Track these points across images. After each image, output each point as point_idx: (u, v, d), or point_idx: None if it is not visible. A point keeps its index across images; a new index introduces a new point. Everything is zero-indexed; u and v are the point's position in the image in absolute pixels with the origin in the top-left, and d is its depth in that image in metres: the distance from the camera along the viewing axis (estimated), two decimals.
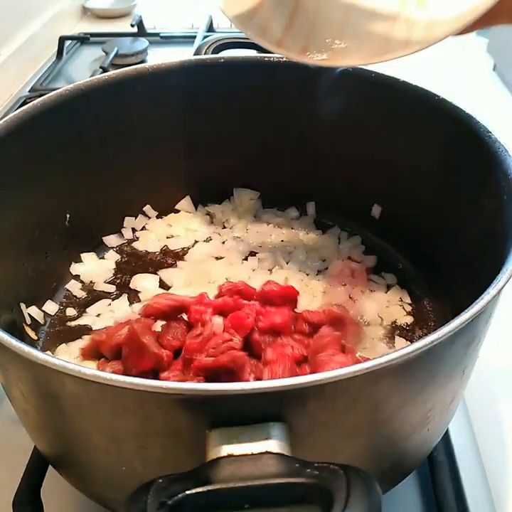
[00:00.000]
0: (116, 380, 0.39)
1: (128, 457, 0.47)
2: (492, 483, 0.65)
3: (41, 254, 0.78)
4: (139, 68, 0.80)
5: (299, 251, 0.86)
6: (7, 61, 1.41)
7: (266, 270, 0.83)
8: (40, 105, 0.71)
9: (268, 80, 0.82)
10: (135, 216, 0.90)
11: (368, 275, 0.82)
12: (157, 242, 0.88)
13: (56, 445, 0.55)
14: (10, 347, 0.43)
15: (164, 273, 0.83)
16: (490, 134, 0.62)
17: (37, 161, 0.73)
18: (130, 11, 1.83)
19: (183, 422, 0.42)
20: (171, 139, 0.86)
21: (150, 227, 0.90)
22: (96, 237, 0.87)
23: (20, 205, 0.72)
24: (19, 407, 0.54)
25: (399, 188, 0.81)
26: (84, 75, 1.43)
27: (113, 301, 0.79)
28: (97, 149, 0.81)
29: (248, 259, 0.85)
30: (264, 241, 0.88)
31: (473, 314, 0.44)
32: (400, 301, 0.78)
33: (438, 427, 0.57)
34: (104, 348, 0.68)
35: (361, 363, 0.40)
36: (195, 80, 0.82)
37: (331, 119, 0.82)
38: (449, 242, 0.73)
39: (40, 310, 0.76)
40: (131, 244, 0.89)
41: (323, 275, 0.82)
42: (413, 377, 0.45)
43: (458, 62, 1.71)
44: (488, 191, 0.62)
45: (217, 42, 0.95)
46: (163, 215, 0.92)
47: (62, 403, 0.46)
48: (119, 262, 0.86)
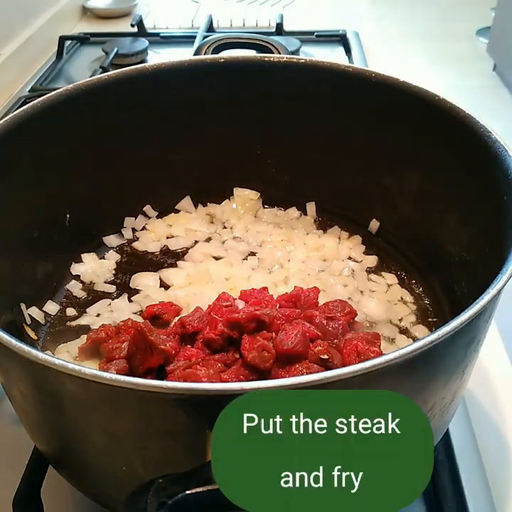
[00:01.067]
0: (116, 380, 0.40)
1: (128, 457, 0.47)
2: (492, 483, 0.65)
3: (41, 254, 0.78)
4: (139, 68, 0.79)
5: (299, 251, 0.86)
6: (7, 61, 1.41)
7: (266, 270, 0.83)
8: (40, 105, 0.71)
9: (268, 80, 0.82)
10: (135, 216, 0.90)
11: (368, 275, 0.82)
12: (157, 242, 0.88)
13: (56, 445, 0.55)
14: (10, 347, 0.43)
15: (164, 273, 0.83)
16: (490, 134, 0.62)
17: (37, 161, 0.73)
18: (130, 10, 1.83)
19: (183, 422, 0.42)
20: (170, 138, 0.86)
21: (150, 227, 0.90)
22: (96, 237, 0.87)
23: (20, 205, 0.72)
24: (19, 407, 0.54)
25: (399, 188, 0.81)
26: (84, 75, 1.43)
27: (113, 300, 0.79)
28: (97, 149, 0.81)
29: (248, 258, 0.85)
30: (264, 241, 0.88)
31: (473, 314, 0.44)
32: (400, 300, 0.78)
33: (438, 427, 0.57)
34: (104, 347, 0.68)
35: (361, 362, 0.40)
36: (195, 80, 0.82)
37: (331, 119, 0.82)
38: (449, 242, 0.73)
39: (40, 310, 0.76)
40: (131, 244, 0.89)
41: (324, 275, 0.82)
42: (413, 377, 0.45)
43: (458, 62, 1.72)
44: (488, 191, 0.62)
45: (217, 42, 0.95)
46: (163, 215, 0.92)
47: (62, 403, 0.46)
48: (120, 262, 0.86)
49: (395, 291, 0.80)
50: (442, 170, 0.72)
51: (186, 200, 0.93)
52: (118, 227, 0.89)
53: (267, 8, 1.83)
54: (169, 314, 0.74)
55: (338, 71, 0.78)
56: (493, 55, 3.32)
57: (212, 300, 0.71)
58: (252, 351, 0.61)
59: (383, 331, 0.74)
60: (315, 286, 0.75)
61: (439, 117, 0.69)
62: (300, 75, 0.80)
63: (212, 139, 0.87)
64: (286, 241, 0.88)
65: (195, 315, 0.68)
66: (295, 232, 0.89)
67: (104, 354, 0.68)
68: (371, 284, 0.81)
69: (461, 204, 0.71)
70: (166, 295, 0.79)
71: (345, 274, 0.82)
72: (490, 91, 3.16)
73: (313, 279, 0.81)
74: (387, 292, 0.80)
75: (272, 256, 0.85)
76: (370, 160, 0.82)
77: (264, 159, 0.89)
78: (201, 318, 0.67)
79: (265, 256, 0.85)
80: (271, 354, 0.61)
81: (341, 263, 0.84)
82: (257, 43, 0.96)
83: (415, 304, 0.78)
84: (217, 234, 0.90)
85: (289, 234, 0.89)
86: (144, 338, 0.61)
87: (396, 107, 0.75)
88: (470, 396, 0.74)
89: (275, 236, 0.89)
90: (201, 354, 0.64)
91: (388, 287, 0.80)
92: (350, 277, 0.82)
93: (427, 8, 4.42)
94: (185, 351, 0.64)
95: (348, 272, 0.83)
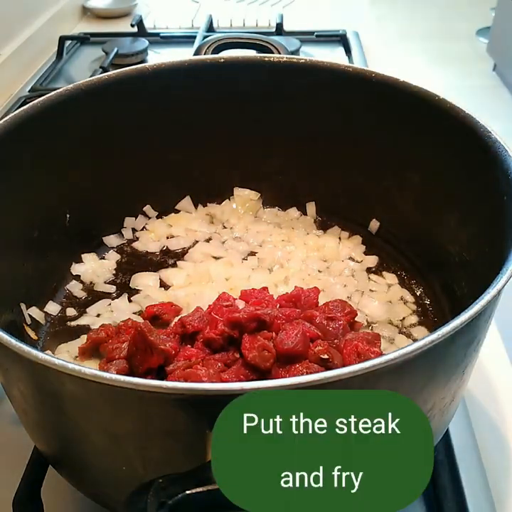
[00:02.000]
0: (116, 380, 0.40)
1: (128, 457, 0.47)
2: (492, 483, 0.65)
3: (41, 254, 0.78)
4: (139, 68, 0.79)
5: (299, 251, 0.86)
6: (7, 61, 1.41)
7: (266, 270, 0.83)
8: (40, 105, 0.71)
9: (268, 79, 0.82)
10: (135, 216, 0.90)
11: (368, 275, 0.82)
12: (157, 242, 0.88)
13: (56, 445, 0.55)
14: (10, 347, 0.43)
15: (164, 273, 0.83)
16: (490, 134, 0.62)
17: (37, 161, 0.73)
18: (130, 10, 1.83)
19: (183, 422, 0.42)
20: (170, 138, 0.86)
21: (150, 227, 0.90)
22: (96, 237, 0.87)
23: (20, 205, 0.72)
24: (19, 407, 0.54)
25: (399, 188, 0.81)
26: (84, 75, 1.43)
27: (113, 300, 0.79)
28: (97, 149, 0.81)
29: (248, 258, 0.85)
30: (265, 241, 0.88)
31: (473, 314, 0.44)
32: (400, 300, 0.78)
33: (438, 427, 0.57)
34: (104, 347, 0.68)
35: (361, 362, 0.40)
36: (195, 80, 0.82)
37: (331, 119, 0.82)
38: (449, 242, 0.73)
39: (40, 310, 0.76)
40: (132, 244, 0.89)
41: (324, 275, 0.82)
42: (413, 377, 0.45)
43: (458, 62, 1.72)
44: (488, 191, 0.62)
45: (217, 42, 0.95)
46: (163, 215, 0.92)
47: (62, 403, 0.46)
48: (120, 262, 0.86)
49: (395, 291, 0.80)
50: (442, 170, 0.72)
51: (186, 200, 0.93)
52: (118, 227, 0.89)
53: (267, 8, 1.83)
54: (169, 314, 0.74)
55: (338, 71, 0.78)
56: (493, 55, 3.32)
57: (212, 300, 0.71)
58: (253, 351, 0.61)
59: (383, 331, 0.74)
60: (315, 286, 0.75)
61: (439, 117, 0.69)
62: (300, 75, 0.80)
63: (212, 139, 0.87)
64: (287, 241, 0.88)
65: (196, 315, 0.68)
66: (295, 232, 0.89)
67: (104, 354, 0.68)
68: (371, 284, 0.81)
69: (461, 204, 0.71)
70: (166, 295, 0.79)
71: (346, 274, 0.82)
72: (490, 91, 3.16)
73: (313, 279, 0.81)
74: (388, 292, 0.80)
75: (272, 256, 0.85)
76: (370, 160, 0.82)
77: (263, 159, 0.89)
78: (201, 318, 0.67)
79: (265, 256, 0.85)
80: (271, 354, 0.61)
81: (341, 263, 0.84)
82: (257, 43, 0.96)
83: (415, 304, 0.78)
84: (217, 234, 0.90)
85: (289, 234, 0.89)
86: (143, 338, 0.61)
87: (396, 107, 0.75)
88: (470, 396, 0.74)
89: (275, 236, 0.89)
90: (201, 354, 0.64)
91: (388, 287, 0.80)
92: (350, 277, 0.82)
93: (427, 8, 4.42)
94: (185, 351, 0.64)
95: (349, 272, 0.83)
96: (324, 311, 0.69)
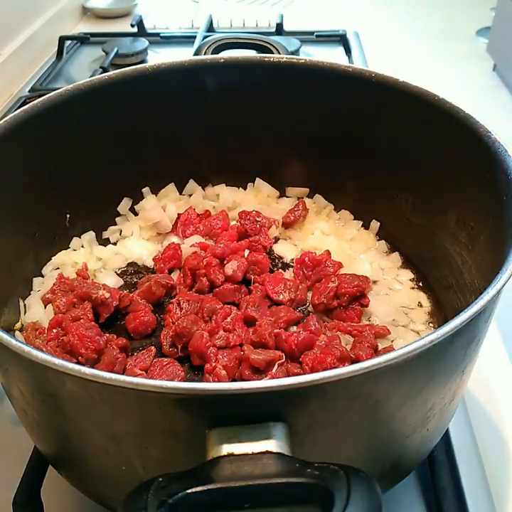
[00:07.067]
0: (116, 380, 0.40)
1: (128, 457, 0.47)
2: (492, 483, 0.65)
3: (41, 253, 0.78)
4: (139, 68, 0.80)
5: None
6: (7, 61, 1.41)
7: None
8: (40, 105, 0.71)
9: (268, 80, 0.82)
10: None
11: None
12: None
13: (56, 445, 0.55)
14: (10, 347, 0.43)
15: None
16: (490, 134, 0.62)
17: (37, 160, 0.73)
18: (130, 10, 1.83)
19: (183, 421, 0.42)
20: (170, 138, 0.86)
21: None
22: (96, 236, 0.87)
23: (20, 205, 0.72)
24: (19, 407, 0.54)
25: (398, 188, 0.81)
26: (84, 75, 1.43)
27: None
28: (97, 149, 0.81)
29: None
30: None
31: (473, 314, 0.44)
32: (400, 300, 0.78)
33: (438, 426, 0.57)
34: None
35: (360, 362, 0.40)
36: (195, 79, 0.82)
37: (331, 119, 0.82)
38: (449, 242, 0.73)
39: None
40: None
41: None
42: (413, 377, 0.45)
43: (458, 62, 1.71)
44: (488, 191, 0.62)
45: (217, 42, 0.95)
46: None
47: (61, 403, 0.46)
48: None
49: (397, 291, 0.80)
50: (442, 170, 0.72)
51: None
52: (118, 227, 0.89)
53: (267, 8, 1.83)
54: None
55: (338, 71, 0.78)
56: (493, 55, 3.32)
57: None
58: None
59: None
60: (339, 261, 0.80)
61: (439, 117, 0.69)
62: (300, 75, 0.80)
63: (211, 138, 0.87)
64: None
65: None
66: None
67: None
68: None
69: (461, 204, 0.71)
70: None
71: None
72: (490, 91, 3.16)
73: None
74: (388, 292, 0.80)
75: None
76: (370, 160, 0.82)
77: (263, 159, 0.89)
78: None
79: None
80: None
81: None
82: (257, 43, 0.96)
83: (415, 304, 0.78)
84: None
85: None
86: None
87: (396, 107, 0.75)
88: (470, 396, 0.74)
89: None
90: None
91: (388, 287, 0.80)
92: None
93: (427, 8, 4.42)
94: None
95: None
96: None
